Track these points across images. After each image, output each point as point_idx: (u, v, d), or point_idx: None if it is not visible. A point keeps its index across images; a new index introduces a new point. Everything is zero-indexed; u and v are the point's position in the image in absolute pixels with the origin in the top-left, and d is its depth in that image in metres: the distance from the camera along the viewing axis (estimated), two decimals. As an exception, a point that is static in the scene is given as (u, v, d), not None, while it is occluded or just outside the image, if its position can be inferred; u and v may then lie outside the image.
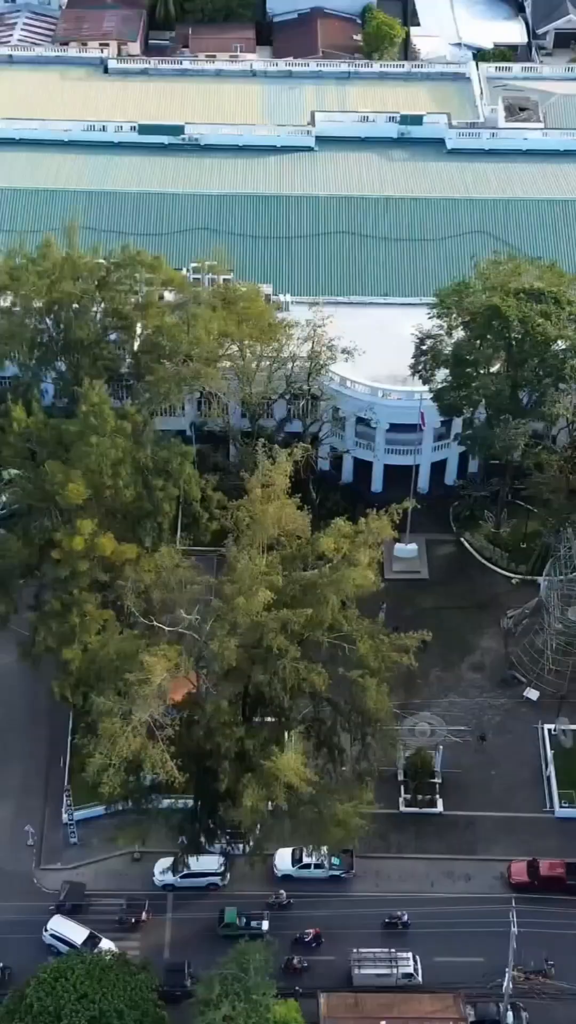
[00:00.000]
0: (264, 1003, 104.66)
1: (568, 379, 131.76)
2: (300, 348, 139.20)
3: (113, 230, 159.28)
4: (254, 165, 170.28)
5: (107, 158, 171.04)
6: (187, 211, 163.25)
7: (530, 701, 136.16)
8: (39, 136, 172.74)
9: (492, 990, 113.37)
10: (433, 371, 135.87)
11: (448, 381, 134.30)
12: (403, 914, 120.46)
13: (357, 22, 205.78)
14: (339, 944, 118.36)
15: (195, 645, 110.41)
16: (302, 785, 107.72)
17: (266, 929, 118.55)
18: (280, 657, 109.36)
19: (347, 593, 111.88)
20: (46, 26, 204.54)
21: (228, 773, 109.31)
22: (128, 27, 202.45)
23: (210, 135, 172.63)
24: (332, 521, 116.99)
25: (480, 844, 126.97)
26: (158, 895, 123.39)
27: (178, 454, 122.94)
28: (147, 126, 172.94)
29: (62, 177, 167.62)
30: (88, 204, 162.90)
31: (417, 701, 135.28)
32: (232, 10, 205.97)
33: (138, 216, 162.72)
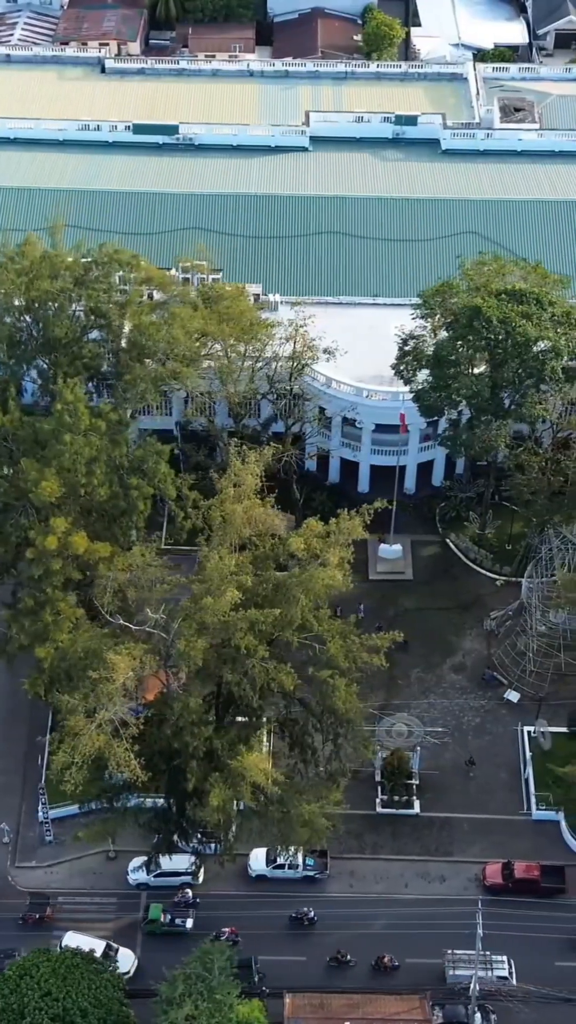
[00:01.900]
0: (227, 1002, 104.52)
1: (548, 380, 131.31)
2: (282, 348, 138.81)
3: (106, 229, 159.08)
4: (248, 165, 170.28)
5: (101, 158, 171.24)
6: (179, 211, 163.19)
7: (510, 703, 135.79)
8: (34, 135, 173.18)
9: (459, 992, 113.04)
10: (415, 372, 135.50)
11: (428, 382, 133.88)
12: (309, 910, 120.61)
13: (358, 22, 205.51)
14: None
15: (163, 644, 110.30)
16: (268, 785, 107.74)
17: (189, 927, 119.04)
18: (249, 657, 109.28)
19: (317, 593, 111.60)
20: (47, 26, 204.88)
21: (196, 772, 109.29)
22: (128, 27, 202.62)
23: (204, 135, 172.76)
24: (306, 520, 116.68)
25: (456, 846, 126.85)
26: (132, 893, 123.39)
27: (153, 453, 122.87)
28: (142, 126, 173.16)
29: (55, 176, 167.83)
30: (81, 203, 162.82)
31: (397, 702, 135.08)
32: (232, 10, 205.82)
33: (131, 215, 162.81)
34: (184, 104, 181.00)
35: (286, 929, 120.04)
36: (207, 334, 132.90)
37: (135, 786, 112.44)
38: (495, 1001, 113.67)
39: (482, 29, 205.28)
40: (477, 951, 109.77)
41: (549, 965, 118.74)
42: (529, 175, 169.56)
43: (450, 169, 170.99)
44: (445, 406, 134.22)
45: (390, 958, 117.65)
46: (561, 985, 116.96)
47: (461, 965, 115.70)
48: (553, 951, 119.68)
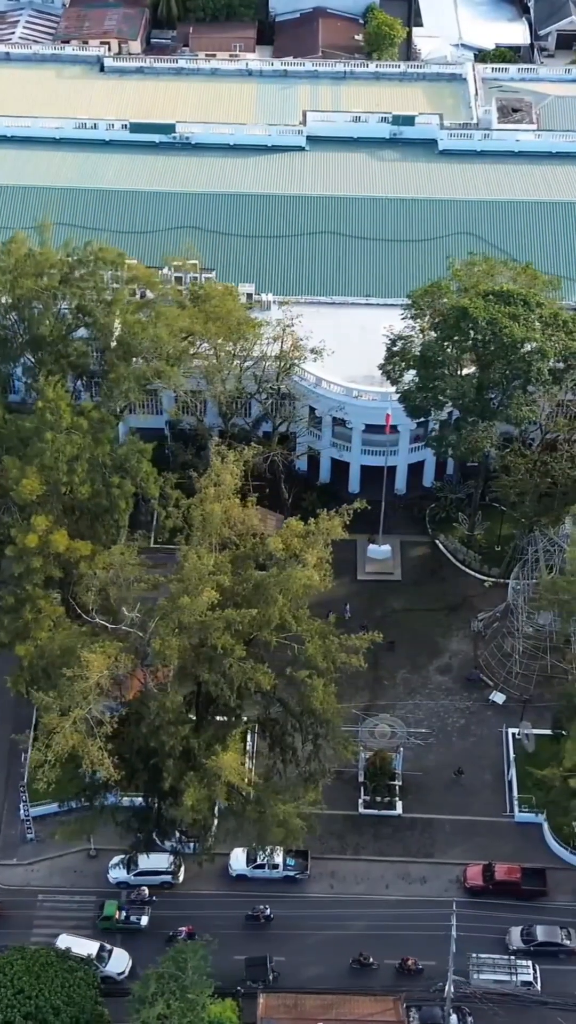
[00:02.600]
0: (199, 1002, 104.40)
1: (534, 382, 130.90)
2: (270, 347, 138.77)
3: (100, 228, 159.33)
4: (244, 164, 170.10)
5: (97, 156, 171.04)
6: (174, 210, 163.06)
7: (496, 704, 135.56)
8: (30, 134, 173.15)
9: (434, 994, 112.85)
10: (402, 372, 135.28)
11: (414, 382, 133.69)
12: (265, 908, 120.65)
13: (359, 22, 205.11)
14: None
15: (139, 643, 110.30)
16: (242, 784, 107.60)
17: (145, 924, 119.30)
18: (226, 656, 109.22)
19: (295, 593, 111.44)
20: (49, 24, 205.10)
21: (172, 771, 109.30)
22: (129, 26, 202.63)
23: (201, 134, 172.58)
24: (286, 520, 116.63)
25: (438, 847, 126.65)
26: (112, 892, 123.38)
27: (136, 451, 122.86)
28: (138, 124, 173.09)
29: (51, 174, 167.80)
30: (76, 202, 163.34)
31: (382, 703, 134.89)
32: (234, 9, 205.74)
33: (126, 214, 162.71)
34: (182, 103, 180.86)
35: (244, 928, 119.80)
36: (193, 333, 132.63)
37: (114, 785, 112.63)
38: (470, 1003, 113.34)
39: (484, 29, 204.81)
40: (451, 952, 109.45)
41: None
42: (526, 176, 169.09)
43: (447, 169, 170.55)
44: (431, 407, 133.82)
45: (414, 960, 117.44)
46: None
47: (486, 969, 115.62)
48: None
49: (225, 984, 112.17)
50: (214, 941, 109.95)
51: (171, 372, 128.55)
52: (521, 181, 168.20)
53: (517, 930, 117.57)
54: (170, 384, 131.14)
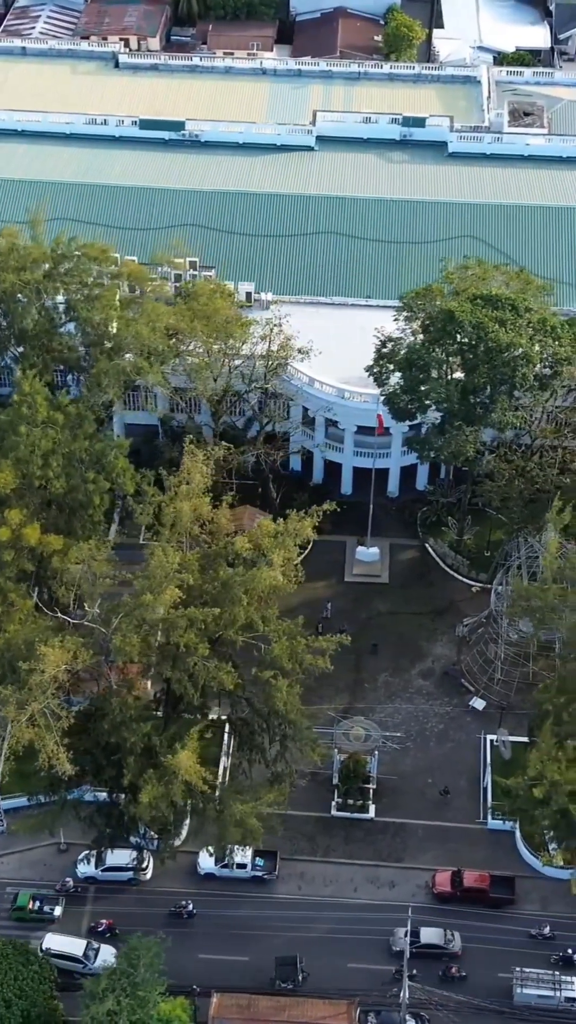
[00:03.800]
0: (150, 999, 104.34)
1: (519, 387, 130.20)
2: (258, 347, 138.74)
3: (105, 224, 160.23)
4: (252, 163, 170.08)
5: (106, 152, 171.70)
6: (179, 207, 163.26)
7: (475, 710, 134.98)
8: (41, 128, 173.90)
9: (390, 998, 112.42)
10: (388, 374, 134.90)
11: (399, 385, 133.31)
12: (188, 903, 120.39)
13: (380, 23, 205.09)
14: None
15: (102, 639, 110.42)
16: (199, 783, 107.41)
17: (58, 915, 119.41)
18: (189, 655, 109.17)
19: (260, 593, 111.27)
20: (69, 19, 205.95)
21: (132, 768, 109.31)
22: (149, 22, 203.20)
23: (210, 132, 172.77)
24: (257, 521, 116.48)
25: (408, 852, 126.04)
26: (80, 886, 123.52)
27: (113, 447, 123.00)
28: (148, 121, 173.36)
29: (59, 169, 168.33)
30: (81, 197, 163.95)
31: (361, 705, 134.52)
32: (254, 8, 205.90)
33: (131, 210, 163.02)
34: (194, 101, 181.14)
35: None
36: (179, 331, 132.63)
37: (74, 779, 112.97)
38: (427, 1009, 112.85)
39: (505, 32, 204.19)
40: (405, 959, 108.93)
41: (491, 975, 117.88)
42: (534, 180, 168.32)
43: (455, 172, 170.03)
44: (416, 410, 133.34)
45: (457, 968, 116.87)
46: (502, 996, 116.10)
47: (529, 984, 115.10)
48: (496, 962, 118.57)
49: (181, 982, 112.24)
50: (167, 939, 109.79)
51: (151, 369, 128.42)
52: (528, 185, 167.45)
53: (402, 931, 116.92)
54: (150, 381, 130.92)
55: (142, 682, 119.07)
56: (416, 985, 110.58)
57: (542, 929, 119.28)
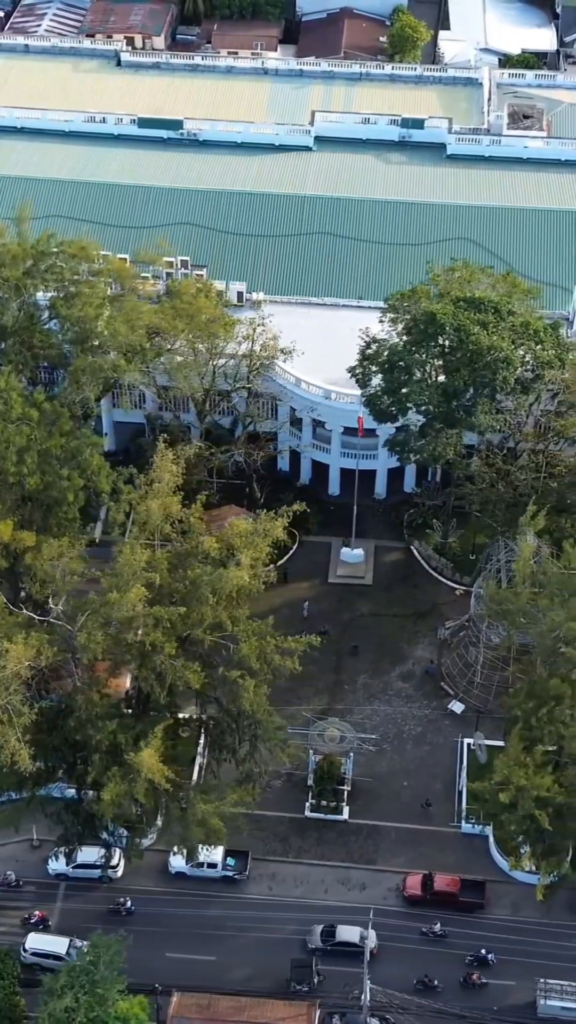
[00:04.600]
0: (109, 997, 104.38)
1: (500, 390, 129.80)
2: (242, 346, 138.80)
3: (99, 221, 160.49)
4: (249, 163, 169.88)
5: (104, 150, 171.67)
6: (174, 206, 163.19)
7: (454, 714, 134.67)
8: (40, 126, 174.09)
9: (351, 1001, 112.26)
10: (371, 376, 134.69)
11: (380, 386, 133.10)
12: (126, 900, 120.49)
13: (386, 24, 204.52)
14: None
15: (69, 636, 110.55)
16: (162, 781, 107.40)
17: None
18: (155, 653, 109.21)
19: (228, 593, 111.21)
20: (75, 17, 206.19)
21: (97, 765, 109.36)
22: (154, 21, 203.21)
23: (209, 131, 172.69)
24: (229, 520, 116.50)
25: (380, 854, 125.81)
26: (51, 883, 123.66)
27: (88, 444, 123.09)
28: (146, 120, 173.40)
29: (56, 167, 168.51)
30: (77, 194, 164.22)
31: (340, 707, 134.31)
32: (260, 8, 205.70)
33: (125, 208, 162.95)
34: (195, 100, 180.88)
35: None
36: (160, 329, 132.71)
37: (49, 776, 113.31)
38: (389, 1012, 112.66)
39: (511, 34, 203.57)
40: (365, 960, 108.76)
41: (454, 980, 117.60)
42: (531, 183, 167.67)
43: (452, 174, 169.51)
44: (397, 412, 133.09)
45: (478, 975, 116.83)
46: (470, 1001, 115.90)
47: (553, 995, 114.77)
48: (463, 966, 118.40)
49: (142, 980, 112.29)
50: (128, 937, 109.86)
51: (127, 367, 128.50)
52: (525, 188, 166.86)
53: (318, 928, 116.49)
54: (127, 379, 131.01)
55: (120, 679, 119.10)
56: (377, 988, 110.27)
57: (433, 927, 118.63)
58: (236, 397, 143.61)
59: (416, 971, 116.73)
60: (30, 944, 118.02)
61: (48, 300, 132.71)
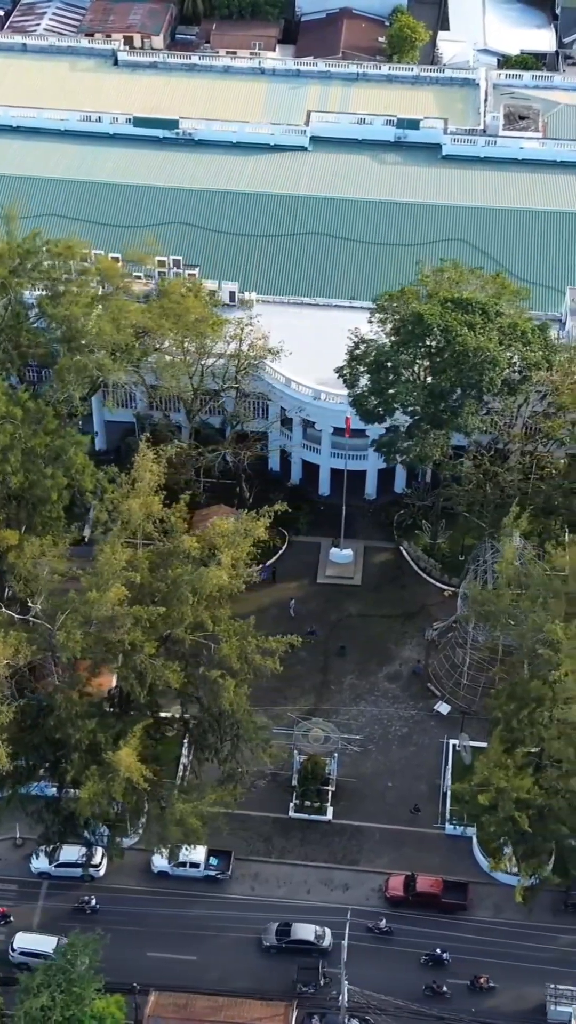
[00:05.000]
0: (85, 996, 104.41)
1: (487, 391, 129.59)
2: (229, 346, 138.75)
3: (93, 220, 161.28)
4: (244, 162, 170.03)
5: (100, 149, 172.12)
6: (168, 205, 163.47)
7: (440, 715, 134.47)
8: (36, 125, 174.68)
9: (330, 1001, 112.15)
10: (358, 376, 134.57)
11: (367, 387, 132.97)
12: (91, 898, 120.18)
13: (385, 24, 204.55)
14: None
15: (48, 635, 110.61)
16: (140, 780, 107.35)
17: None
18: (135, 653, 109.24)
19: (208, 592, 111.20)
20: (75, 17, 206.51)
21: (76, 764, 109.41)
22: (153, 21, 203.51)
23: (204, 131, 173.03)
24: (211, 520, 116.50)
25: (364, 855, 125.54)
26: (33, 882, 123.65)
27: (73, 443, 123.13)
28: (142, 119, 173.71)
29: (51, 166, 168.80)
30: (73, 194, 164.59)
31: (326, 707, 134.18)
32: (259, 7, 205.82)
33: (119, 208, 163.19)
34: (192, 99, 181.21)
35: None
36: (148, 329, 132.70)
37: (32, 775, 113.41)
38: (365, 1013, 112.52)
39: (510, 35, 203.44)
40: (342, 960, 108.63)
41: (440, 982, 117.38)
42: (526, 184, 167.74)
43: (447, 175, 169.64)
44: (383, 412, 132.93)
45: (486, 978, 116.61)
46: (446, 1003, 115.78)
47: (563, 1001, 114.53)
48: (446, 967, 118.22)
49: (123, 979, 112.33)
50: (106, 936, 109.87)
51: (112, 366, 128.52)
52: (520, 189, 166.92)
53: (274, 926, 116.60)
54: (110, 377, 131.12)
55: (105, 678, 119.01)
56: (355, 989, 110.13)
57: (378, 923, 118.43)
58: (225, 397, 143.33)
59: (380, 969, 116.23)
60: (18, 943, 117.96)
61: (35, 299, 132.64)
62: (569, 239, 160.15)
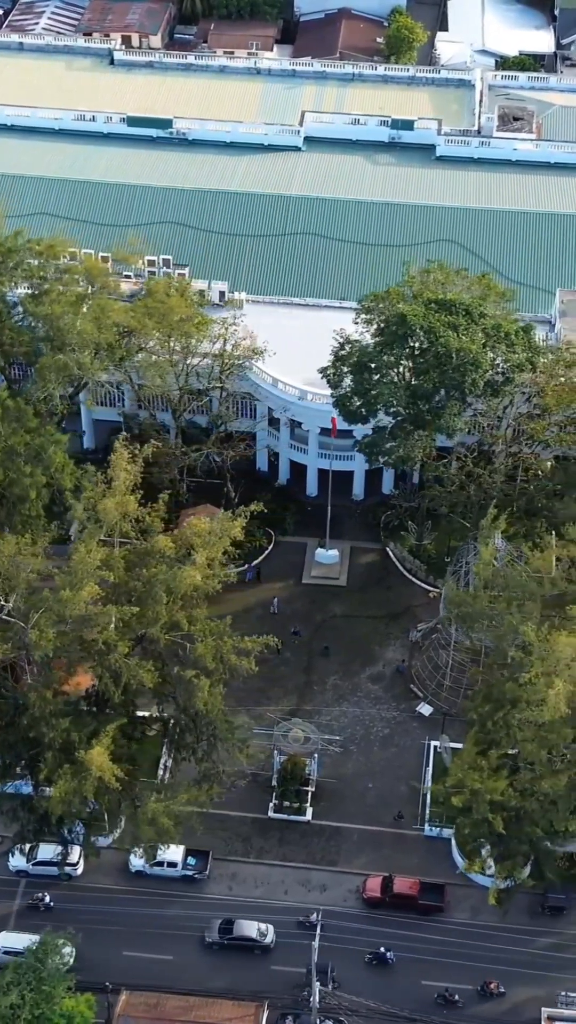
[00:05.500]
0: (55, 995, 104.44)
1: (469, 392, 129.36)
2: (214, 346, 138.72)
3: (84, 219, 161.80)
4: (237, 162, 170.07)
5: (93, 148, 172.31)
6: (160, 204, 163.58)
7: (422, 716, 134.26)
8: (30, 124, 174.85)
9: (301, 1002, 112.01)
10: (342, 377, 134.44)
11: (350, 387, 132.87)
12: (44, 896, 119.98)
13: (384, 24, 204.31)
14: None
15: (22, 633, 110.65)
16: (111, 779, 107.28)
17: None
18: (109, 652, 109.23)
19: (183, 592, 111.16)
20: (73, 16, 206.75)
21: (50, 763, 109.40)
22: (151, 20, 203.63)
23: (198, 130, 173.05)
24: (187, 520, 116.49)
25: (342, 856, 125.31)
26: (10, 880, 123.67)
27: (52, 442, 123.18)
28: (136, 119, 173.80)
29: (44, 165, 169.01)
30: (65, 193, 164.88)
31: (308, 707, 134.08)
32: (257, 7, 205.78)
33: (111, 207, 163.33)
34: (187, 99, 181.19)
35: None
36: (132, 329, 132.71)
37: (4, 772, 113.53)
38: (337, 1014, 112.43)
39: (509, 37, 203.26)
40: (312, 961, 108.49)
41: (415, 984, 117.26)
42: (518, 185, 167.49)
43: (440, 176, 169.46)
44: (366, 413, 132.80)
45: (496, 983, 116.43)
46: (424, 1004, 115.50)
47: (574, 1004, 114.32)
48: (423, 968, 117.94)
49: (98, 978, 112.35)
50: (78, 935, 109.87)
51: (92, 365, 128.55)
52: (512, 191, 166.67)
53: (216, 923, 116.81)
54: (92, 377, 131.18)
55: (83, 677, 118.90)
56: (326, 990, 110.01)
57: (309, 916, 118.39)
58: (211, 397, 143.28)
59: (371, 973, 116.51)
60: (1, 943, 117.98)
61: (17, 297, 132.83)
62: (561, 241, 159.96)
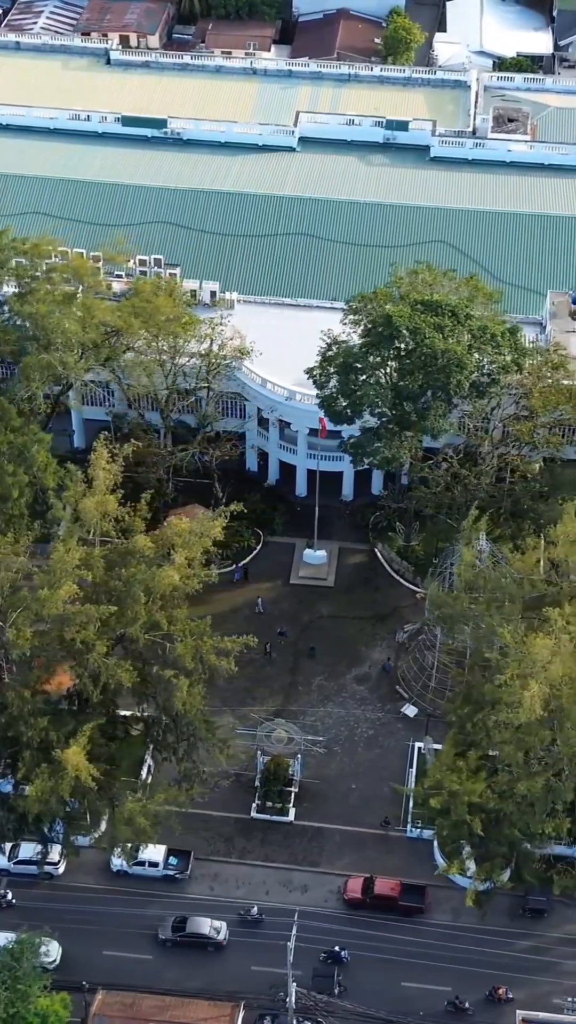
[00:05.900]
0: (30, 994, 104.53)
1: (455, 393, 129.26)
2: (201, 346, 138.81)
3: (77, 219, 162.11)
4: (231, 162, 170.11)
5: (87, 148, 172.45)
6: (153, 204, 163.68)
7: (407, 717, 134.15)
8: (25, 123, 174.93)
9: (278, 1002, 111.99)
10: (328, 377, 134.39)
11: (336, 388, 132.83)
12: (7, 893, 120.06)
13: (382, 25, 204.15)
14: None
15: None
16: (87, 779, 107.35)
17: None
18: (87, 651, 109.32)
19: (162, 592, 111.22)
20: (72, 15, 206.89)
21: (27, 762, 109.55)
22: (150, 20, 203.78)
23: (192, 130, 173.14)
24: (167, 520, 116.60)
25: (324, 856, 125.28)
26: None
27: (35, 441, 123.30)
28: (130, 118, 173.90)
29: (38, 164, 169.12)
30: (59, 192, 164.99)
31: (293, 708, 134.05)
32: (256, 7, 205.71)
33: (104, 206, 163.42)
34: (183, 99, 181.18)
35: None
36: (117, 328, 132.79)
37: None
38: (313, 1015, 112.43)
39: (507, 38, 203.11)
40: (288, 961, 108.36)
41: (395, 985, 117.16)
42: (512, 187, 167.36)
43: (434, 177, 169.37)
44: (352, 413, 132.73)
45: (505, 989, 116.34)
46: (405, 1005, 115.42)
47: None
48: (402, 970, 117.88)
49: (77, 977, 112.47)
50: (54, 935, 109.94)
51: (75, 364, 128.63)
52: (506, 192, 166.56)
53: (170, 920, 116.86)
54: (75, 376, 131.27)
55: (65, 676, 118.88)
56: (302, 991, 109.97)
57: (250, 911, 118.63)
58: (199, 396, 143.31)
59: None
60: None
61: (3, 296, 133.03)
62: (553, 242, 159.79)
